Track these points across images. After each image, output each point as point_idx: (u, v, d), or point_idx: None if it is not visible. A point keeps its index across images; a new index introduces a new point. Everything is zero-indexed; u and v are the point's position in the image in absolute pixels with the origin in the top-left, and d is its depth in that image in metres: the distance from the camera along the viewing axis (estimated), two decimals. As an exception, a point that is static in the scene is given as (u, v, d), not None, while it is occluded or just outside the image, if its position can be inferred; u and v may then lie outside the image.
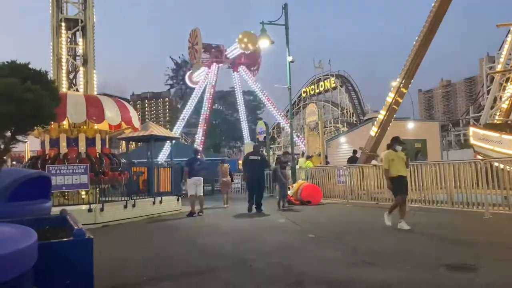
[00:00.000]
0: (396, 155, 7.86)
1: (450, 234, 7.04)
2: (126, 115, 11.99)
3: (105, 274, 4.72)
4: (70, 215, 2.95)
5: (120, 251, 6.86)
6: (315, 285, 4.23)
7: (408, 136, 19.48)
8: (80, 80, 12.97)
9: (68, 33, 13.01)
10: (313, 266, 5.07)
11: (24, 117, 2.08)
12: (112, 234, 8.92)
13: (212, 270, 5.17)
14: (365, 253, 5.67)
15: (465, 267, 4.74)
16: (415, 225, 7.74)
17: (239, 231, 8.52)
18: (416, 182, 10.76)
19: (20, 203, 3.04)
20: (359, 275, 4.56)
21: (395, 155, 7.86)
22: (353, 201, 12.84)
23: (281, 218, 10.16)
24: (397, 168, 7.74)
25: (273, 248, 6.44)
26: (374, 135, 15.21)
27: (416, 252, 5.69)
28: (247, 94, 51.29)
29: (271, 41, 16.32)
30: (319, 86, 54.30)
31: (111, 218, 10.35)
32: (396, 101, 14.68)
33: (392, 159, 7.81)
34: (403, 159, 7.86)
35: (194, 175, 11.80)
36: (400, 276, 4.48)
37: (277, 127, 54.77)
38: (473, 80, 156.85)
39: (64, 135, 11.84)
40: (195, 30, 39.79)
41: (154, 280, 4.77)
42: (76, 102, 10.95)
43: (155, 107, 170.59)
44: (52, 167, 10.07)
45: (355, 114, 49.84)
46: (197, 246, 7.04)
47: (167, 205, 12.58)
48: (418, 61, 14.23)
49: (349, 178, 13.26)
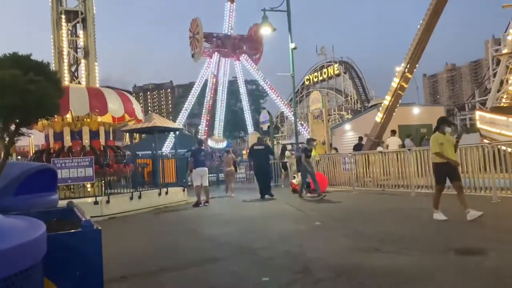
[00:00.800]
0: (445, 138, 6.86)
1: (458, 219, 7.00)
2: (129, 107, 11.98)
3: (114, 266, 4.74)
4: (77, 207, 2.94)
5: (127, 243, 6.90)
6: (322, 272, 4.23)
7: (413, 121, 19.41)
8: (82, 73, 12.94)
9: (69, 25, 12.94)
10: (320, 254, 5.07)
11: (28, 109, 2.06)
12: (119, 226, 8.97)
13: (220, 259, 5.19)
14: (372, 240, 5.66)
15: (474, 251, 4.72)
16: (422, 211, 7.72)
17: (245, 220, 8.54)
18: (422, 168, 10.71)
19: (27, 196, 3.03)
20: (367, 261, 4.55)
21: (444, 138, 6.84)
22: (359, 188, 12.83)
23: (288, 206, 10.17)
24: (447, 152, 6.76)
25: (280, 236, 6.45)
26: (379, 121, 15.14)
27: (424, 237, 5.67)
28: (249, 83, 51.10)
29: (273, 28, 16.17)
30: (322, 73, 53.97)
31: (117, 210, 10.40)
32: (401, 87, 14.57)
33: (441, 143, 6.77)
34: (452, 143, 6.89)
35: (199, 165, 11.81)
36: (408, 260, 4.47)
37: (281, 116, 54.61)
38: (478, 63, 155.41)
39: (67, 128, 11.85)
40: (196, 19, 39.54)
41: (162, 270, 4.80)
42: (78, 95, 10.94)
43: (157, 99, 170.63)
44: (57, 161, 10.09)
45: (360, 101, 49.58)
46: (204, 235, 7.07)
47: (173, 196, 12.62)
48: (422, 45, 14.08)
49: (354, 165, 13.22)
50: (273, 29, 16.26)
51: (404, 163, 11.21)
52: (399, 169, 11.51)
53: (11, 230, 1.35)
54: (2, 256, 1.18)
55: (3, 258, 1.18)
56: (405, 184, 11.14)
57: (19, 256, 1.25)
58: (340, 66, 51.75)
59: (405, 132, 17.55)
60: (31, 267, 1.32)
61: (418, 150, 11.20)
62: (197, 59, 40.30)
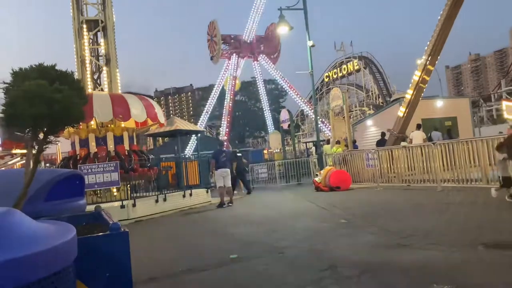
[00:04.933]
0: None
1: (486, 212, 6.83)
2: (152, 111, 12.18)
3: (142, 268, 4.84)
4: (104, 211, 3.02)
5: (154, 245, 7.02)
6: (348, 270, 4.20)
7: (437, 114, 19.01)
8: (104, 80, 13.24)
9: (90, 34, 13.26)
10: (345, 251, 5.04)
11: (55, 117, 2.14)
12: (146, 228, 9.13)
13: (246, 259, 5.22)
14: (399, 236, 5.58)
15: (504, 244, 4.59)
16: (449, 205, 7.56)
17: (269, 219, 8.55)
18: (448, 161, 10.48)
19: (57, 201, 3.13)
20: (394, 258, 4.50)
21: None
22: (384, 184, 12.65)
23: (312, 204, 10.13)
24: None
25: (304, 235, 6.44)
26: (402, 116, 14.89)
27: (451, 231, 5.56)
28: (268, 83, 51.07)
29: (290, 27, 16.14)
30: (342, 70, 53.48)
31: (144, 213, 10.60)
32: (423, 79, 14.29)
33: None
34: None
35: (220, 166, 11.89)
36: (436, 256, 4.39)
37: (301, 114, 54.38)
38: (504, 52, 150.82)
39: (92, 135, 12.14)
40: (213, 22, 39.84)
41: (189, 270, 4.86)
42: (102, 101, 11.19)
43: (178, 102, 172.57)
44: (83, 167, 10.36)
45: (381, 96, 48.91)
46: (229, 236, 7.12)
47: (197, 197, 12.77)
48: (444, 37, 13.76)
49: (378, 161, 13.05)
50: (290, 28, 16.22)
51: (429, 157, 10.99)
52: (424, 163, 11.29)
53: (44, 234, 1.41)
54: (38, 259, 1.23)
55: (38, 260, 1.23)
56: (431, 178, 10.92)
57: (53, 258, 1.30)
58: (359, 61, 51.18)
59: (429, 126, 17.20)
60: (64, 268, 1.37)
61: (443, 143, 10.96)
62: (216, 61, 40.59)
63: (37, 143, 2.45)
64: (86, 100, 2.54)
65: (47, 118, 2.11)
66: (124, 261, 2.15)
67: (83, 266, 1.91)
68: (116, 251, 2.11)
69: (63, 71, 2.59)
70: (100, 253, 2.06)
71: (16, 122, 2.19)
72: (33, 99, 2.04)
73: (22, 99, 2.05)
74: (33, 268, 1.22)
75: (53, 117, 2.13)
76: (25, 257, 1.20)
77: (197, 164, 14.15)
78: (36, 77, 2.24)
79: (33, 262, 1.22)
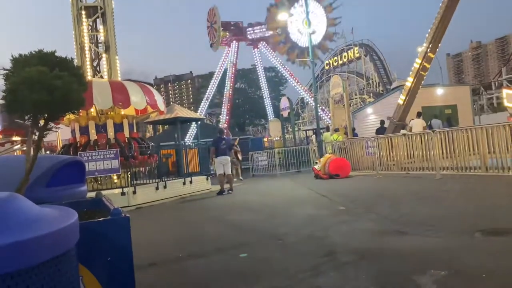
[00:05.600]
0: None
1: (484, 200, 6.88)
2: (151, 99, 12.17)
3: (143, 253, 4.89)
4: (105, 197, 3.05)
5: (155, 231, 7.09)
6: (347, 256, 4.25)
7: (437, 102, 18.98)
8: (104, 67, 13.19)
9: (89, 20, 13.17)
10: (344, 238, 5.09)
11: (55, 104, 2.15)
12: (146, 215, 9.20)
13: (245, 245, 5.27)
14: (397, 223, 5.63)
15: (501, 231, 4.64)
16: (448, 192, 7.61)
17: (269, 206, 8.61)
18: (447, 149, 10.51)
19: (58, 188, 3.15)
20: (392, 244, 4.55)
21: None
22: (383, 172, 12.70)
23: (311, 191, 10.19)
24: None
25: (303, 222, 6.49)
26: (402, 104, 14.87)
27: (449, 219, 5.61)
28: (268, 70, 50.80)
29: (289, 14, 16.02)
30: (342, 57, 53.17)
31: (144, 200, 10.66)
32: (424, 67, 14.24)
33: None
34: None
35: (220, 154, 11.92)
36: (434, 243, 4.44)
37: (301, 102, 54.26)
38: (505, 40, 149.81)
39: (92, 122, 12.15)
40: (213, 8, 39.48)
41: (189, 256, 4.92)
42: (101, 89, 11.17)
43: (178, 90, 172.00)
44: (84, 154, 10.39)
45: (381, 84, 48.74)
46: (229, 222, 7.18)
47: (197, 185, 12.83)
48: (445, 24, 13.66)
49: (377, 149, 13.08)
50: (290, 15, 16.10)
51: (428, 145, 11.02)
52: (424, 151, 11.32)
53: (47, 218, 1.44)
54: (41, 242, 1.26)
55: (41, 243, 1.26)
56: (430, 166, 10.97)
57: (56, 242, 1.33)
58: (360, 49, 50.88)
59: (429, 114, 17.19)
60: (66, 252, 1.40)
61: (442, 131, 10.98)
62: (215, 48, 40.34)
63: (38, 129, 2.47)
64: (86, 86, 2.54)
65: (48, 105, 2.12)
66: (125, 246, 2.18)
67: (85, 250, 1.95)
68: (117, 236, 2.15)
69: (63, 58, 2.59)
70: (102, 238, 2.09)
71: (17, 109, 2.20)
72: (33, 86, 2.05)
73: (23, 86, 2.05)
74: (36, 251, 1.24)
75: (54, 104, 2.13)
76: (28, 240, 1.22)
77: (197, 152, 14.18)
78: (36, 63, 2.24)
79: (36, 245, 1.24)
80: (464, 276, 3.36)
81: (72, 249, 1.47)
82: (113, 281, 2.13)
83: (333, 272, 3.80)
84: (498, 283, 3.14)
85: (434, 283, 3.24)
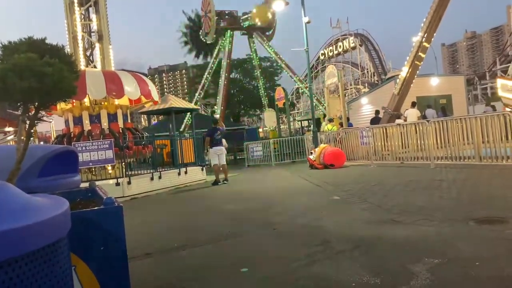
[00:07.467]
0: None
1: (478, 189, 6.93)
2: (145, 89, 12.07)
3: (138, 243, 4.89)
4: (99, 187, 3.02)
5: (150, 221, 7.08)
6: (342, 244, 4.27)
7: (432, 92, 19.01)
8: (97, 57, 13.05)
9: (81, 9, 12.98)
10: (339, 227, 5.11)
11: (46, 91, 2.11)
12: (141, 205, 9.18)
13: (241, 234, 5.29)
14: (392, 212, 5.66)
15: (494, 220, 4.67)
16: (442, 182, 7.65)
17: (264, 196, 8.62)
18: (441, 139, 10.55)
19: (50, 177, 3.12)
20: (386, 233, 4.57)
21: None
22: (378, 162, 12.75)
23: (306, 181, 10.21)
24: None
25: (298, 211, 6.51)
26: (397, 94, 14.87)
27: (443, 208, 5.64)
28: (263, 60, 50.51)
29: (286, 2, 15.89)
30: (337, 47, 53.00)
31: (139, 190, 10.63)
32: (419, 57, 14.21)
33: None
34: None
35: (215, 145, 11.89)
36: (428, 231, 4.46)
37: (296, 92, 54.13)
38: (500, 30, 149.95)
39: (86, 112, 12.05)
40: (207, -3, 39.00)
41: (184, 246, 4.92)
42: (95, 78, 11.06)
43: (172, 80, 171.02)
44: (77, 144, 10.31)
45: (376, 74, 48.72)
46: (225, 212, 7.19)
47: (192, 175, 12.81)
48: (440, 13, 13.61)
49: (372, 139, 13.11)
50: (286, 3, 15.98)
51: (422, 134, 11.05)
52: (418, 141, 11.36)
53: (38, 207, 1.41)
54: (31, 230, 1.24)
55: (32, 232, 1.24)
56: (424, 156, 11.02)
57: (47, 230, 1.31)
58: (355, 38, 50.72)
59: (423, 104, 17.23)
60: (58, 240, 1.38)
61: (437, 121, 11.01)
62: (210, 38, 39.98)
63: (29, 118, 2.43)
64: (78, 74, 2.50)
65: (38, 92, 2.08)
66: (119, 235, 2.16)
67: (78, 240, 1.93)
68: (110, 225, 2.13)
69: (54, 45, 2.55)
70: (94, 227, 2.07)
71: (6, 97, 2.16)
72: (22, 73, 2.01)
73: (12, 73, 2.01)
74: (26, 240, 1.22)
75: (44, 91, 2.10)
76: (17, 229, 1.20)
77: (192, 142, 14.13)
78: (26, 50, 2.20)
79: (26, 234, 1.22)
80: (458, 264, 3.38)
81: (64, 238, 1.45)
82: (106, 270, 2.12)
83: (328, 261, 3.82)
84: (491, 271, 3.16)
85: (428, 271, 3.26)
